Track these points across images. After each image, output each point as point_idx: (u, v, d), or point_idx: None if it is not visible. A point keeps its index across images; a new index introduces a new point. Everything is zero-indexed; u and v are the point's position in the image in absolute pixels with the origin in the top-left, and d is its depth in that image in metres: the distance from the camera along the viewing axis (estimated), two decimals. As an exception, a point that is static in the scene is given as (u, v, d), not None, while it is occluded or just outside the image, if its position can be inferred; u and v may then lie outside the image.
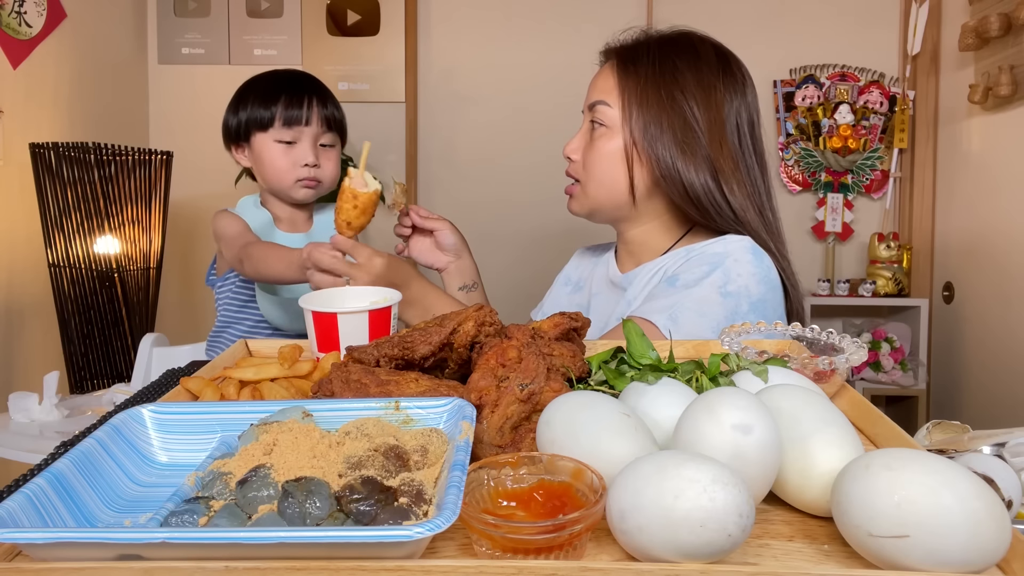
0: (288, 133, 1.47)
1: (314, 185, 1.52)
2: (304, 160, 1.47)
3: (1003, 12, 2.18)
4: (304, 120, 1.48)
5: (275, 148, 1.49)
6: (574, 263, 1.40)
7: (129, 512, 0.54)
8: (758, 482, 0.52)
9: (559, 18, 2.82)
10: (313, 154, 1.48)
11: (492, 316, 0.72)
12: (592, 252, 1.38)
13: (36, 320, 2.21)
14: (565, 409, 0.57)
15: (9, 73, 2.10)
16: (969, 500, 0.44)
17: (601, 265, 1.30)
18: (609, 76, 1.17)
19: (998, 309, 2.32)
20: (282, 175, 1.50)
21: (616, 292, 1.22)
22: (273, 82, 1.53)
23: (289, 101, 1.48)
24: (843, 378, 0.77)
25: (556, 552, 0.47)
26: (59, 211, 2.05)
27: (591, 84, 1.20)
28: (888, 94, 2.73)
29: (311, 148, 1.48)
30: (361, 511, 0.48)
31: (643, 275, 1.16)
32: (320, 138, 1.50)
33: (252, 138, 1.51)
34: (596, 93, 1.17)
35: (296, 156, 1.48)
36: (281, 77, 1.55)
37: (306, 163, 1.47)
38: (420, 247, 1.34)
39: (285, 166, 1.48)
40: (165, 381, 0.95)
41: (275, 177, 1.51)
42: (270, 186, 1.52)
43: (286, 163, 1.48)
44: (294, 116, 1.47)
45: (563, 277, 1.40)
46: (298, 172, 1.48)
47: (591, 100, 1.17)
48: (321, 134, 1.50)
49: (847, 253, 2.84)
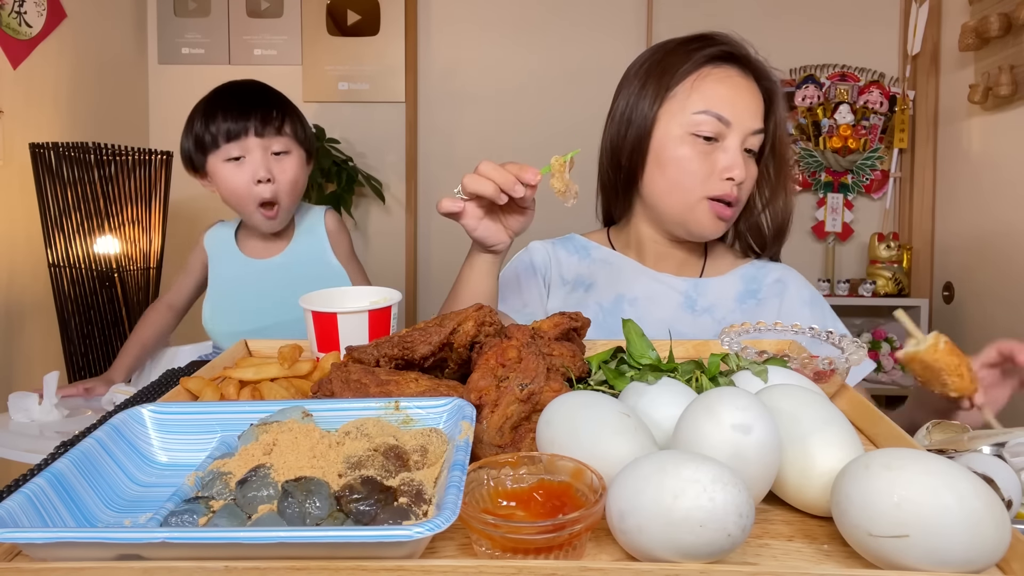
0: (234, 148, 1.39)
1: (273, 213, 1.44)
2: (256, 175, 1.40)
3: (1003, 12, 2.18)
4: (246, 131, 1.38)
5: (226, 168, 1.41)
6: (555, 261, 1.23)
7: (129, 512, 0.54)
8: (758, 482, 0.52)
9: (559, 18, 2.83)
10: (264, 167, 1.40)
11: (492, 316, 0.72)
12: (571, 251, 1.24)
13: (36, 320, 2.21)
14: (565, 409, 0.57)
15: (9, 73, 2.10)
16: (969, 500, 0.44)
17: (602, 264, 1.20)
18: (755, 99, 1.09)
19: (998, 309, 2.32)
20: (241, 199, 1.43)
21: (671, 295, 1.15)
22: (213, 99, 1.44)
23: (226, 114, 1.38)
24: (843, 378, 0.77)
25: (556, 552, 0.47)
26: (59, 211, 2.05)
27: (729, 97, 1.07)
28: (888, 94, 2.73)
29: (262, 160, 1.40)
30: (361, 511, 0.48)
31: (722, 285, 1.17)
32: (271, 146, 1.42)
33: (206, 163, 1.43)
34: (759, 117, 1.09)
35: (248, 172, 1.40)
36: (222, 91, 1.46)
37: (258, 179, 1.40)
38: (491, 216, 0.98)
39: (240, 186, 1.41)
40: (165, 381, 0.95)
41: (235, 202, 1.44)
42: (235, 210, 1.48)
43: (240, 182, 1.40)
44: (234, 129, 1.38)
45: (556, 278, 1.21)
46: (253, 192, 1.41)
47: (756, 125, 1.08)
48: (271, 142, 1.41)
49: (847, 253, 2.84)
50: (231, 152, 1.39)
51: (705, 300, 1.15)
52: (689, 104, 1.07)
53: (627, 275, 1.18)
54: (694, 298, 1.15)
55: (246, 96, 1.42)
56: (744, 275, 1.18)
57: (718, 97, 1.06)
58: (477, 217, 0.94)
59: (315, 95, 2.85)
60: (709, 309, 1.14)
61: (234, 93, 1.43)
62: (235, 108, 1.39)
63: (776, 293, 1.16)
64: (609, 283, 1.18)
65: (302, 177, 1.49)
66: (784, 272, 1.19)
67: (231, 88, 1.45)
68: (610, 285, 1.18)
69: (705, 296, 1.15)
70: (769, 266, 1.20)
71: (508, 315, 1.16)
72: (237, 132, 1.38)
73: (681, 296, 1.15)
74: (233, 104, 1.40)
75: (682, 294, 1.16)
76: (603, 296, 1.16)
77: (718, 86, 1.07)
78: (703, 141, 1.06)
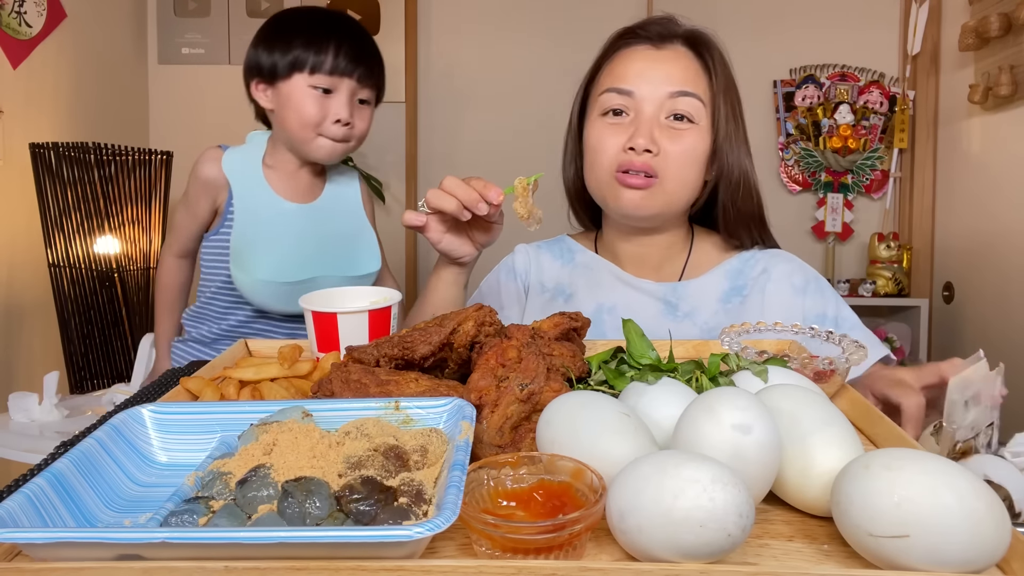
0: (327, 81, 1.32)
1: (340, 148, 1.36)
2: (338, 114, 1.33)
3: (1003, 12, 2.18)
4: (349, 73, 1.33)
5: (309, 95, 1.33)
6: (535, 267, 1.21)
7: (129, 512, 0.54)
8: (758, 482, 0.52)
9: (559, 18, 2.83)
10: (348, 109, 1.34)
11: (492, 316, 0.72)
12: (556, 255, 1.22)
13: (36, 320, 2.21)
14: (565, 409, 0.57)
15: (9, 73, 2.10)
16: (969, 500, 0.44)
17: (583, 270, 1.17)
18: (688, 64, 1.05)
19: (998, 309, 2.32)
20: (306, 125, 1.34)
21: (649, 303, 1.11)
22: (322, 23, 1.36)
23: (339, 49, 1.32)
24: (843, 378, 0.77)
25: (556, 552, 0.47)
26: (59, 211, 2.06)
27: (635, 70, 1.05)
28: (888, 94, 2.73)
29: (347, 102, 1.34)
30: (361, 511, 0.48)
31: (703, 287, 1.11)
32: (358, 93, 1.36)
33: (284, 79, 1.34)
34: (678, 81, 1.03)
35: (329, 108, 1.33)
36: (330, 18, 1.38)
37: (338, 118, 1.33)
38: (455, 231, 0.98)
39: (314, 116, 1.33)
40: (165, 381, 0.95)
41: (299, 126, 1.35)
42: (289, 135, 1.37)
43: (316, 113, 1.33)
44: (340, 64, 1.32)
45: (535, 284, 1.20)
46: (326, 127, 1.34)
47: (674, 88, 1.03)
48: (360, 89, 1.36)
49: (847, 253, 2.84)
50: (322, 82, 1.33)
51: (686, 304, 1.10)
52: (598, 89, 1.08)
53: (606, 283, 1.15)
54: (674, 303, 1.10)
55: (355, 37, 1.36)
56: (729, 270, 1.12)
57: (620, 72, 1.06)
58: (441, 231, 0.95)
59: (315, 95, 2.85)
60: (690, 314, 1.09)
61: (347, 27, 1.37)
62: (347, 47, 1.33)
63: (759, 287, 1.10)
64: (589, 292, 1.15)
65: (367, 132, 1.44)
66: (771, 260, 1.12)
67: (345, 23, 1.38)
68: (590, 294, 1.15)
69: (686, 300, 1.10)
70: (758, 256, 1.13)
71: None
72: (341, 70, 1.32)
73: (660, 303, 1.11)
74: (345, 41, 1.34)
75: (661, 300, 1.11)
76: (583, 306, 1.13)
77: (622, 63, 1.07)
78: (611, 116, 1.05)
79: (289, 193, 1.44)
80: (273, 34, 1.36)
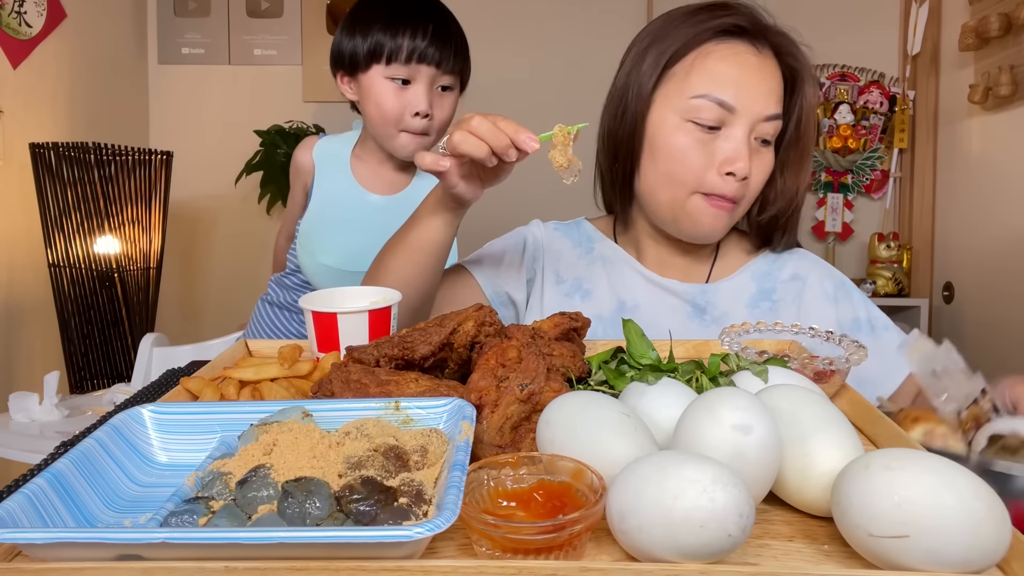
0: (404, 71, 1.28)
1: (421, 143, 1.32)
2: (416, 107, 1.29)
3: (1003, 12, 2.18)
4: (425, 57, 1.27)
5: (386, 86, 1.29)
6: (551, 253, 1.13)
7: (129, 512, 0.54)
8: (758, 482, 0.52)
9: (559, 18, 2.83)
10: (427, 100, 1.29)
11: (492, 316, 0.72)
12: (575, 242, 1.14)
13: (36, 320, 2.21)
14: (565, 409, 0.57)
15: (9, 73, 2.10)
16: (969, 500, 0.44)
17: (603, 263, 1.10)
18: (778, 77, 0.97)
19: (998, 309, 2.32)
20: (387, 121, 1.31)
21: (676, 304, 1.06)
22: (400, 8, 1.30)
23: (415, 32, 1.26)
24: (843, 378, 0.77)
25: (556, 552, 0.47)
26: (59, 211, 2.06)
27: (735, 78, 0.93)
28: (888, 94, 2.73)
29: (426, 92, 1.29)
30: (361, 511, 0.48)
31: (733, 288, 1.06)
32: (438, 80, 1.31)
33: (368, 71, 1.31)
34: (774, 101, 0.95)
35: (408, 100, 1.29)
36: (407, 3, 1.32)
37: (417, 111, 1.29)
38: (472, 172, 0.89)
39: (393, 110, 1.29)
40: (165, 381, 0.95)
41: (379, 120, 1.32)
42: (372, 129, 1.36)
43: (395, 106, 1.29)
44: (414, 51, 1.26)
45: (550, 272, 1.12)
46: (406, 121, 1.30)
47: (770, 110, 0.94)
48: (440, 75, 1.31)
49: (847, 253, 2.84)
50: (399, 72, 1.28)
51: (715, 309, 1.04)
52: (687, 86, 0.94)
53: (628, 279, 1.08)
54: (702, 306, 1.05)
55: (435, 19, 1.31)
56: (756, 272, 1.07)
57: (721, 78, 0.93)
58: (459, 176, 0.85)
59: (315, 95, 2.85)
60: (719, 319, 1.04)
61: (425, 10, 1.32)
62: (423, 31, 1.28)
63: (793, 293, 1.05)
64: (609, 287, 1.08)
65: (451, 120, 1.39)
66: (800, 264, 1.07)
67: (422, 4, 1.33)
68: (610, 290, 1.08)
69: (715, 304, 1.05)
70: (783, 258, 1.08)
71: (476, 278, 1.09)
72: (416, 55, 1.27)
73: (688, 305, 1.05)
74: (421, 25, 1.28)
75: (689, 302, 1.05)
76: (602, 305, 1.07)
77: (721, 65, 0.94)
78: (702, 129, 0.93)
79: (372, 184, 1.43)
80: (353, 20, 1.32)
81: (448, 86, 1.33)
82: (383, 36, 1.27)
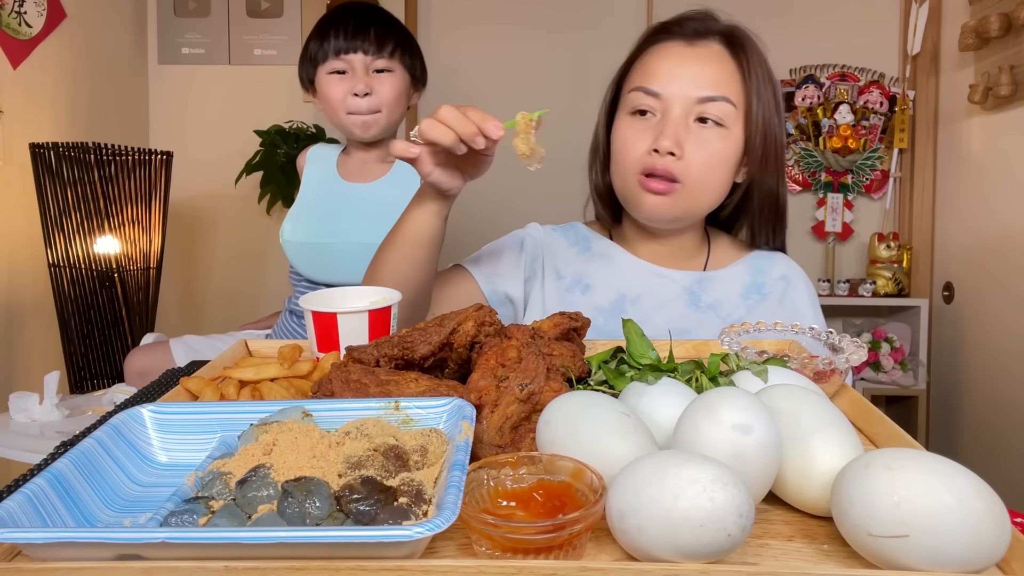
0: (338, 63, 1.47)
1: (368, 119, 1.49)
2: (353, 88, 1.47)
3: (1003, 12, 2.18)
4: (353, 48, 1.46)
5: (329, 81, 1.49)
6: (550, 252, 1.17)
7: (129, 512, 0.54)
8: (758, 482, 0.52)
9: (559, 18, 2.82)
10: (363, 82, 1.47)
11: (492, 316, 0.72)
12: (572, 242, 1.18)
13: (36, 320, 2.21)
14: (565, 409, 0.57)
15: (9, 73, 2.10)
16: (969, 500, 0.44)
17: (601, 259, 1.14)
18: (721, 64, 1.03)
19: (998, 309, 2.32)
20: (335, 108, 1.49)
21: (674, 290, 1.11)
22: (330, 17, 1.53)
23: (338, 32, 1.47)
24: (843, 378, 0.77)
25: (556, 552, 0.47)
26: (59, 211, 2.05)
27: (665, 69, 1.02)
28: (888, 94, 2.73)
29: (361, 76, 1.47)
30: (361, 511, 0.48)
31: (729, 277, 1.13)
32: (372, 64, 1.49)
33: (315, 78, 1.51)
34: (708, 83, 1.01)
35: (347, 85, 1.48)
36: (339, 10, 1.54)
37: (355, 92, 1.47)
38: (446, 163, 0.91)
39: (336, 96, 1.48)
40: (165, 381, 0.96)
41: (330, 109, 1.50)
42: (331, 122, 1.54)
43: (337, 93, 1.48)
44: (342, 45, 1.46)
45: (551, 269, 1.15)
46: (349, 103, 1.48)
47: (703, 91, 1.01)
48: (373, 60, 1.48)
49: (847, 253, 2.84)
50: (335, 66, 1.48)
51: (709, 296, 1.11)
52: (628, 87, 1.07)
53: (627, 271, 1.13)
54: (698, 293, 1.11)
55: (356, 17, 1.50)
56: (750, 266, 1.14)
57: (651, 71, 1.04)
58: (432, 164, 0.89)
59: (315, 95, 2.85)
60: (714, 305, 1.11)
61: (350, 13, 1.51)
62: (345, 28, 1.48)
63: (781, 291, 1.13)
64: (608, 281, 1.13)
65: (404, 96, 1.55)
66: (789, 268, 1.15)
67: (348, 8, 1.53)
68: (609, 283, 1.13)
69: (709, 292, 1.11)
70: (775, 257, 1.16)
71: (474, 277, 1.13)
72: (346, 47, 1.46)
73: (684, 291, 1.11)
74: (343, 24, 1.49)
75: (686, 289, 1.11)
76: (602, 297, 1.12)
77: (653, 61, 1.04)
78: (638, 117, 1.04)
79: (354, 175, 1.60)
80: (303, 48, 1.54)
81: (384, 68, 1.50)
82: (316, 43, 1.50)
